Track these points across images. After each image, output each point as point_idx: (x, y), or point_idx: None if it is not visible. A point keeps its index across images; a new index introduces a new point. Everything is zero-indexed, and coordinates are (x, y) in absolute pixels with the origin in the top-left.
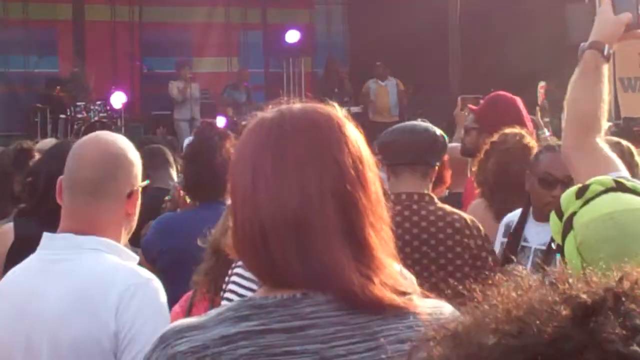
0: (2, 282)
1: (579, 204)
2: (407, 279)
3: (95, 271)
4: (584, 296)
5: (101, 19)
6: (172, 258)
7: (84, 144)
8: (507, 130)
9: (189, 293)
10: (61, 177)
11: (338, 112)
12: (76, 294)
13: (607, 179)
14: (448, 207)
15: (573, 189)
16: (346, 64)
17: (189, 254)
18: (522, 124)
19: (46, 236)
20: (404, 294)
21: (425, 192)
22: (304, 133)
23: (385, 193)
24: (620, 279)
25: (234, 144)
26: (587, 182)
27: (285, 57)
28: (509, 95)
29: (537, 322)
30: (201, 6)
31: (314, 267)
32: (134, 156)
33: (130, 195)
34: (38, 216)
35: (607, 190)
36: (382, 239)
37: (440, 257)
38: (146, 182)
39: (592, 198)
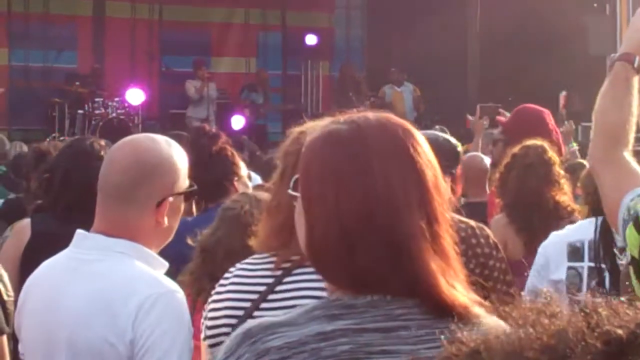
0: (33, 275)
1: None
2: None
3: (119, 276)
4: (620, 332)
5: (121, 15)
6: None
7: (118, 146)
8: (529, 143)
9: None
10: None
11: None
12: (98, 296)
13: None
14: (455, 216)
15: None
16: (363, 68)
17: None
18: (549, 137)
19: (79, 234)
20: (474, 301)
21: None
22: (385, 144)
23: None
24: None
25: (226, 141)
26: None
27: (304, 60)
28: (537, 107)
29: (571, 354)
30: (221, 6)
31: (408, 274)
32: (171, 164)
33: (160, 204)
34: (54, 212)
35: None
36: (454, 247)
37: None
38: (193, 188)
39: None
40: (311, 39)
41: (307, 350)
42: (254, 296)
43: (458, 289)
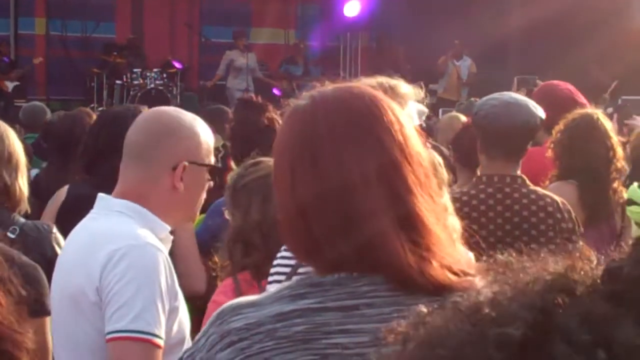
0: None
1: None
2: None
3: (103, 230)
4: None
5: None
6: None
7: (145, 112)
8: (588, 111)
9: (229, 281)
10: None
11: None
12: (81, 250)
13: None
14: (540, 190)
15: None
16: (404, 40)
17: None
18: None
19: (98, 196)
20: (464, 274)
21: (518, 174)
22: (339, 117)
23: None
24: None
25: (273, 112)
26: None
27: (343, 31)
28: (560, 83)
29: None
30: None
31: (365, 249)
32: (191, 132)
33: (176, 168)
34: (93, 178)
35: None
36: (436, 214)
37: (532, 241)
38: (216, 165)
39: None
40: (350, 10)
41: (262, 332)
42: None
43: (433, 263)
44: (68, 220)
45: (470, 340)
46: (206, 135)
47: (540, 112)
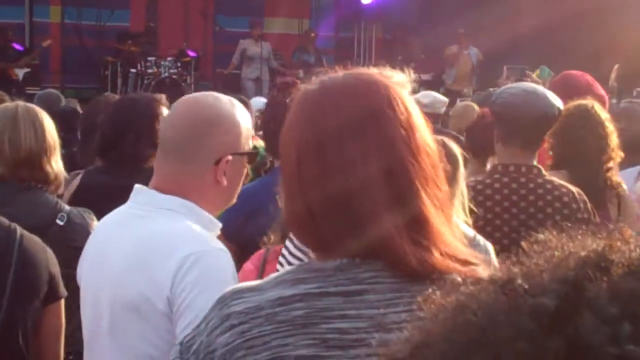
0: (95, 228)
1: None
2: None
3: (162, 233)
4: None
5: None
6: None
7: (180, 102)
8: (582, 101)
9: (261, 251)
10: None
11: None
12: (138, 253)
13: None
14: (556, 180)
15: None
16: (419, 30)
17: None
18: (594, 98)
19: (135, 189)
20: (467, 263)
21: (534, 164)
22: (346, 106)
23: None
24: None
25: None
26: None
27: (357, 22)
28: (578, 73)
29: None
30: None
31: (364, 239)
32: (232, 122)
33: (219, 162)
34: (105, 164)
35: None
36: (438, 206)
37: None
38: (255, 151)
39: None
40: None
41: (262, 316)
42: None
43: (434, 251)
44: (80, 204)
45: (503, 308)
46: (245, 121)
47: (559, 103)
